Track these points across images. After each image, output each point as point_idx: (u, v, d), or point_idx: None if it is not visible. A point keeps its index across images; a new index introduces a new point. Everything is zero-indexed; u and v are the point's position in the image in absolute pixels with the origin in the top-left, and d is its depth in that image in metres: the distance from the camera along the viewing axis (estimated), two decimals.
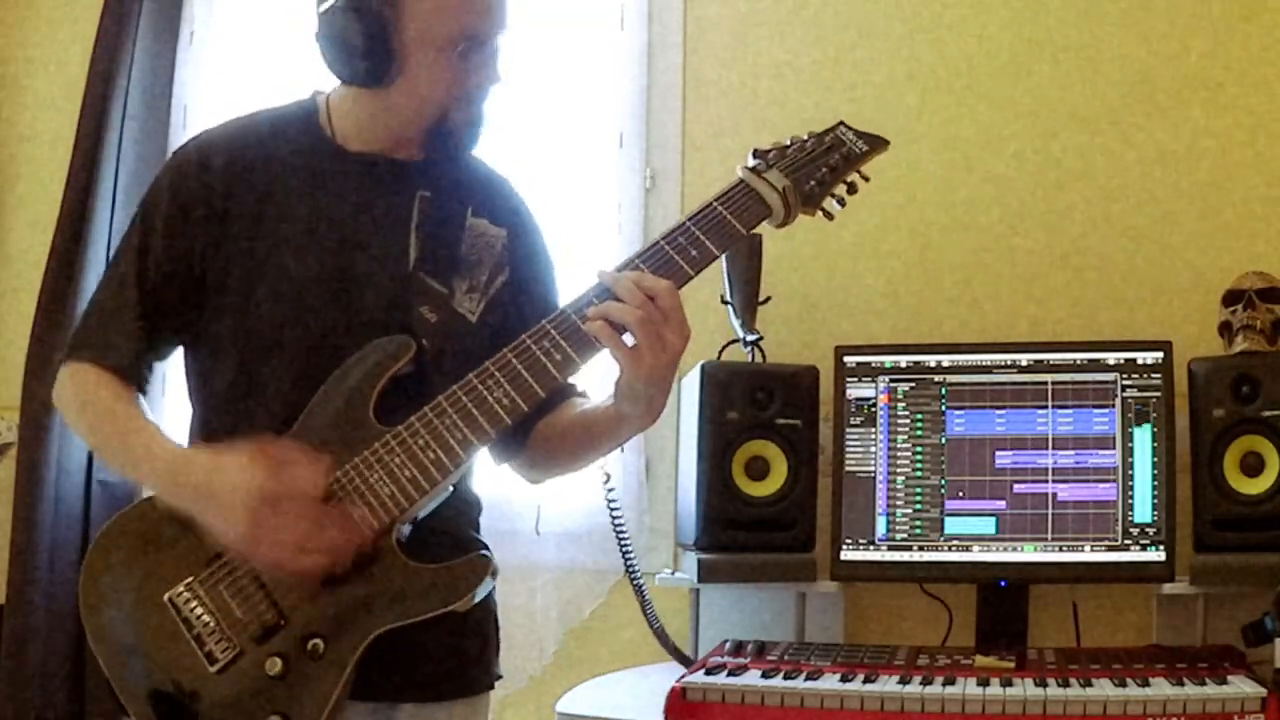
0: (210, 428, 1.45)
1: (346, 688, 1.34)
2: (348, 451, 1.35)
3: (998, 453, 2.11)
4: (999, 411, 2.12)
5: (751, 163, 1.44)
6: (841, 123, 1.50)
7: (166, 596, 1.36)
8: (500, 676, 1.54)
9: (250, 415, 1.42)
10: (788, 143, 1.46)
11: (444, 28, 1.39)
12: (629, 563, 2.11)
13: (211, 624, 1.34)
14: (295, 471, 1.31)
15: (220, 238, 1.43)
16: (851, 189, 1.47)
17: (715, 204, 1.41)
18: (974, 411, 2.13)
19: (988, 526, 2.10)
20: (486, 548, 1.48)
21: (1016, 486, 2.09)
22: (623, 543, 2.09)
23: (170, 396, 2.40)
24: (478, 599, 1.38)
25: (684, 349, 1.31)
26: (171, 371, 1.57)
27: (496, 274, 1.51)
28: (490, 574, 1.37)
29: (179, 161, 1.48)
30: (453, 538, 1.45)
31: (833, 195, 1.46)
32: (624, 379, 1.34)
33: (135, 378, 1.45)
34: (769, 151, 1.45)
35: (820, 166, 1.44)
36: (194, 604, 1.35)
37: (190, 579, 1.36)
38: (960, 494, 2.11)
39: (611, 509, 2.05)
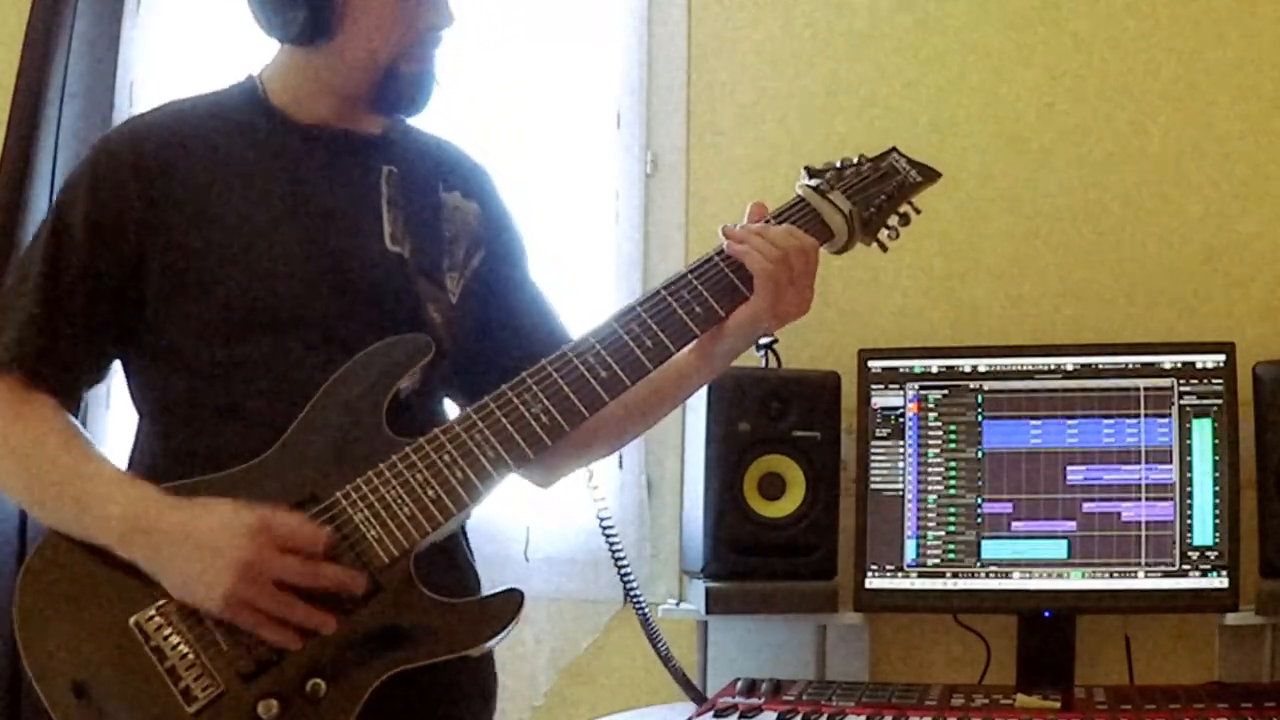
0: (181, 435, 1.40)
1: None
2: (360, 463, 1.32)
3: (1041, 469, 2.09)
4: (1042, 422, 2.11)
5: (811, 181, 1.46)
6: (894, 149, 1.54)
7: (133, 621, 1.28)
8: None
9: (236, 416, 1.38)
10: (839, 163, 1.49)
11: None
12: (628, 583, 2.08)
13: (190, 656, 1.27)
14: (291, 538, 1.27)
15: (164, 232, 1.40)
16: (904, 220, 1.50)
17: (773, 222, 1.44)
18: (1013, 422, 2.12)
19: (1030, 551, 2.09)
20: (474, 565, 1.49)
21: (1062, 506, 2.08)
22: (618, 558, 2.06)
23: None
24: (498, 642, 1.36)
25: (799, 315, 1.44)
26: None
27: (474, 251, 1.52)
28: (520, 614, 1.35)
29: (104, 152, 1.44)
30: (448, 557, 1.44)
31: (886, 226, 1.50)
32: (740, 321, 1.42)
33: (73, 399, 1.41)
34: (825, 171, 1.47)
35: (878, 193, 1.48)
36: (168, 631, 1.27)
37: (163, 601, 1.29)
38: (999, 514, 2.10)
39: (604, 525, 2.00)
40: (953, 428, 2.14)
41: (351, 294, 1.41)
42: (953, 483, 2.12)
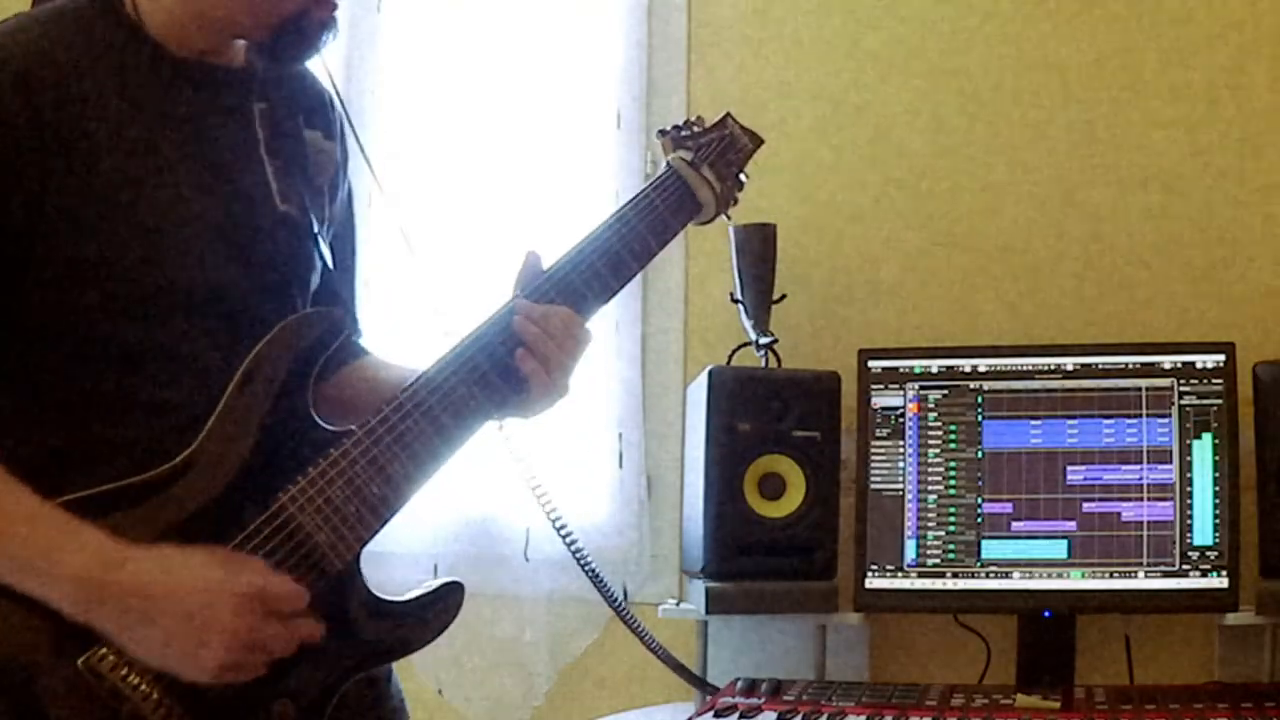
0: (71, 427, 1.23)
1: None
2: (298, 459, 1.24)
3: (1041, 469, 2.09)
4: (1042, 422, 2.11)
5: (685, 154, 1.44)
6: (729, 114, 1.52)
7: (81, 662, 1.14)
8: None
9: (140, 405, 1.24)
10: (687, 129, 1.47)
11: None
12: (580, 559, 1.96)
13: (155, 695, 1.16)
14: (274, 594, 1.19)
15: (58, 180, 1.19)
16: (740, 187, 1.49)
17: (654, 197, 1.41)
18: (1014, 422, 2.11)
19: (1029, 551, 2.09)
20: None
21: (1062, 506, 2.08)
22: (562, 532, 1.95)
23: None
24: None
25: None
26: None
27: (331, 201, 1.42)
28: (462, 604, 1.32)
29: None
30: None
31: (735, 196, 1.49)
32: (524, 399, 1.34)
33: None
34: (685, 139, 1.45)
35: (728, 163, 1.46)
36: (124, 670, 1.15)
37: None
38: (999, 514, 2.10)
39: (554, 518, 1.90)
40: (953, 428, 2.14)
41: (253, 265, 1.29)
42: (953, 483, 2.12)
